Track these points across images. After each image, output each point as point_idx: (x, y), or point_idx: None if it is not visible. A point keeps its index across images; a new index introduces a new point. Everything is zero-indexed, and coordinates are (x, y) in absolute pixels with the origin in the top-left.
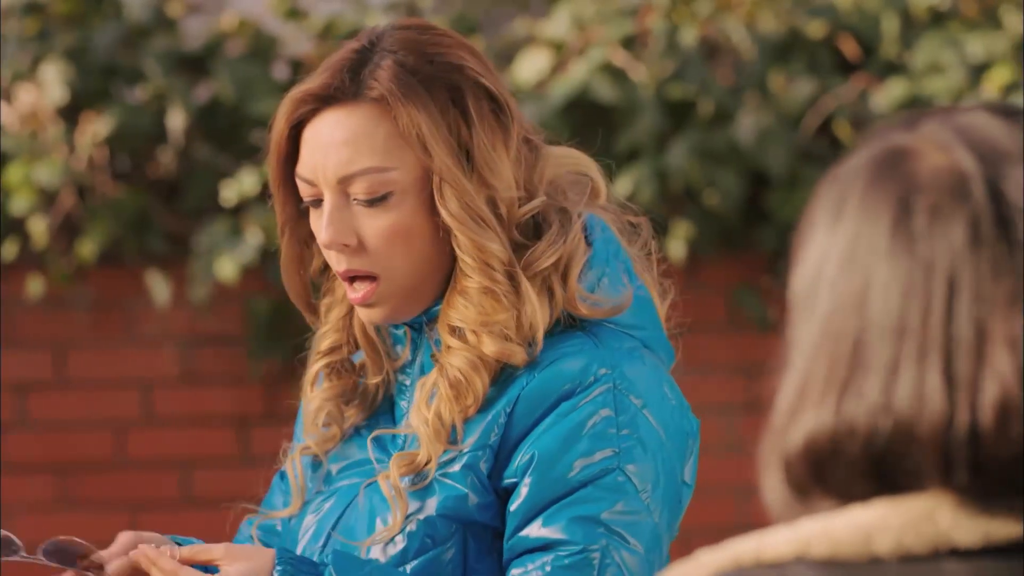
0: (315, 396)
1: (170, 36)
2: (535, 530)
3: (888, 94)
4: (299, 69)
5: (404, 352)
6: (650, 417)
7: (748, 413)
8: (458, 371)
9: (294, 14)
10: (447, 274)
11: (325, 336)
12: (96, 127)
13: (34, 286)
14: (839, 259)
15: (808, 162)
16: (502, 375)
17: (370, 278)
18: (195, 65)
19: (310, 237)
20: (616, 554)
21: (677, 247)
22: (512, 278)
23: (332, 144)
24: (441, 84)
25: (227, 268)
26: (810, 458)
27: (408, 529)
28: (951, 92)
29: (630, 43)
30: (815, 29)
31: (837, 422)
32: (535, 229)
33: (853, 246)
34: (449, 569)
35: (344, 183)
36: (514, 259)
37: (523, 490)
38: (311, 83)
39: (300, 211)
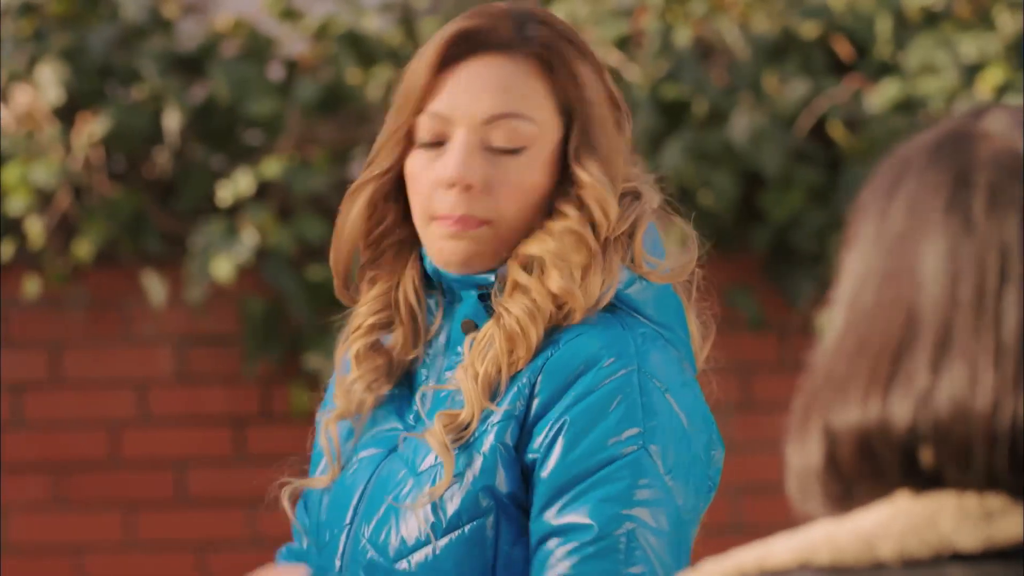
0: (358, 368)
1: (166, 37)
2: (562, 513)
3: (882, 95)
4: (294, 69)
5: (435, 324)
6: (672, 402)
7: (742, 413)
8: (516, 320)
9: (289, 15)
10: (527, 234)
11: (370, 312)
12: (92, 127)
13: (31, 286)
14: (893, 233)
15: (802, 162)
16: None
17: (484, 223)
18: (191, 65)
19: (389, 195)
20: (642, 537)
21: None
22: (606, 244)
23: (486, 85)
24: (590, 60)
25: (223, 268)
26: (862, 446)
27: (443, 499)
28: (945, 93)
29: (624, 43)
30: (809, 30)
31: (887, 408)
32: None
33: (908, 220)
34: (478, 551)
35: (489, 124)
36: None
37: (553, 458)
38: (466, 24)
39: (400, 162)
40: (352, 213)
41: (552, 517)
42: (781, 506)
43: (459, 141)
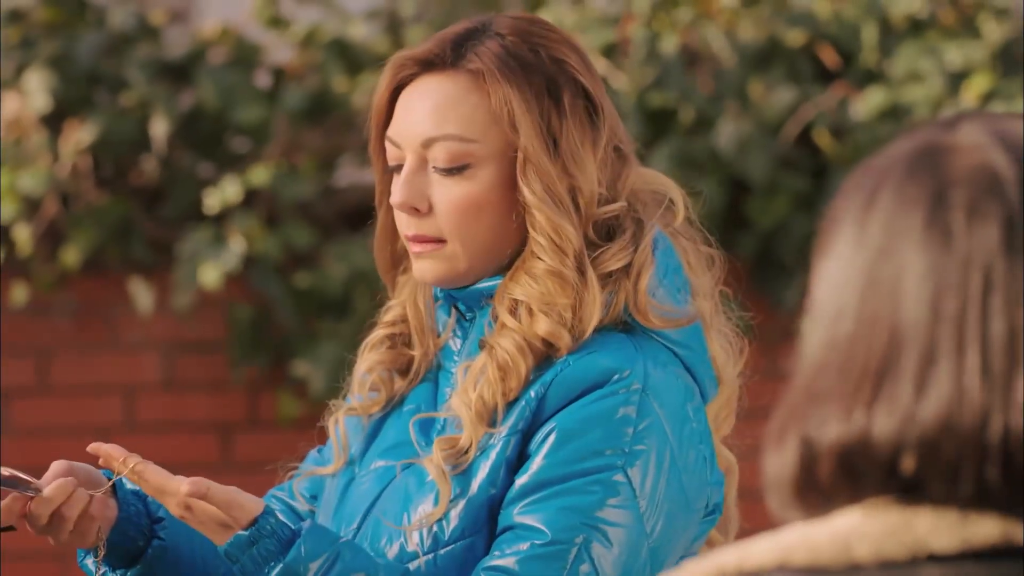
0: (367, 358)
1: (153, 44)
2: (523, 513)
3: (867, 102)
4: (281, 77)
5: (447, 332)
6: (668, 430)
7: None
8: (506, 352)
9: (276, 22)
10: (511, 255)
11: (392, 308)
12: (79, 135)
13: (18, 293)
14: (872, 248)
15: (788, 170)
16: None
17: (436, 241)
18: (178, 73)
19: None
20: (595, 553)
21: None
22: (581, 269)
23: (422, 107)
24: (540, 73)
25: (210, 275)
26: (843, 462)
27: (448, 515)
28: (930, 100)
29: (611, 51)
30: (794, 38)
31: (870, 425)
32: (608, 233)
33: (886, 236)
34: (474, 563)
35: (426, 146)
36: (585, 251)
37: (535, 458)
38: (415, 49)
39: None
40: (379, 222)
41: (515, 513)
42: (766, 512)
43: (406, 165)
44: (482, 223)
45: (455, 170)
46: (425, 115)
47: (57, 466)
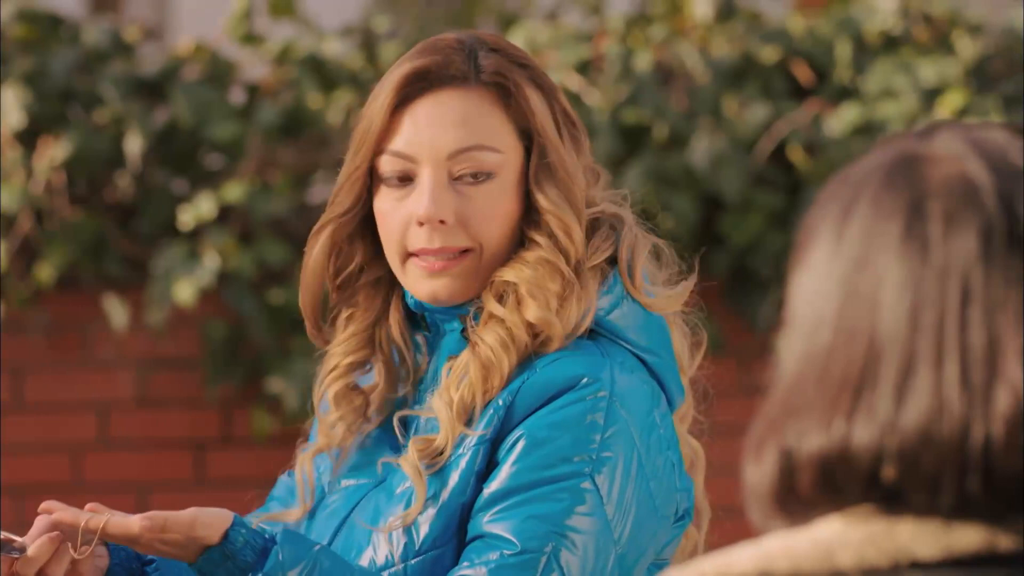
0: (336, 410)
1: (127, 61)
2: (492, 521)
3: (841, 119)
4: (255, 94)
5: (423, 362)
6: (636, 436)
7: (700, 437)
8: (490, 349)
9: (250, 39)
10: (503, 262)
11: (346, 352)
12: (54, 151)
13: None
14: (849, 258)
15: (761, 186)
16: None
17: (463, 252)
18: (152, 89)
19: (353, 235)
20: (564, 561)
21: None
22: (579, 270)
23: (445, 121)
24: (540, 85)
25: (184, 292)
26: (823, 473)
27: (417, 522)
28: (904, 117)
29: (585, 68)
30: (768, 54)
31: (849, 436)
32: (587, 233)
33: (864, 246)
34: (443, 574)
35: (453, 159)
36: (584, 252)
37: (504, 465)
38: (418, 63)
39: (362, 202)
40: (315, 254)
41: (484, 522)
42: (741, 530)
43: (427, 179)
44: (504, 230)
45: (484, 178)
46: (450, 128)
47: (40, 522)
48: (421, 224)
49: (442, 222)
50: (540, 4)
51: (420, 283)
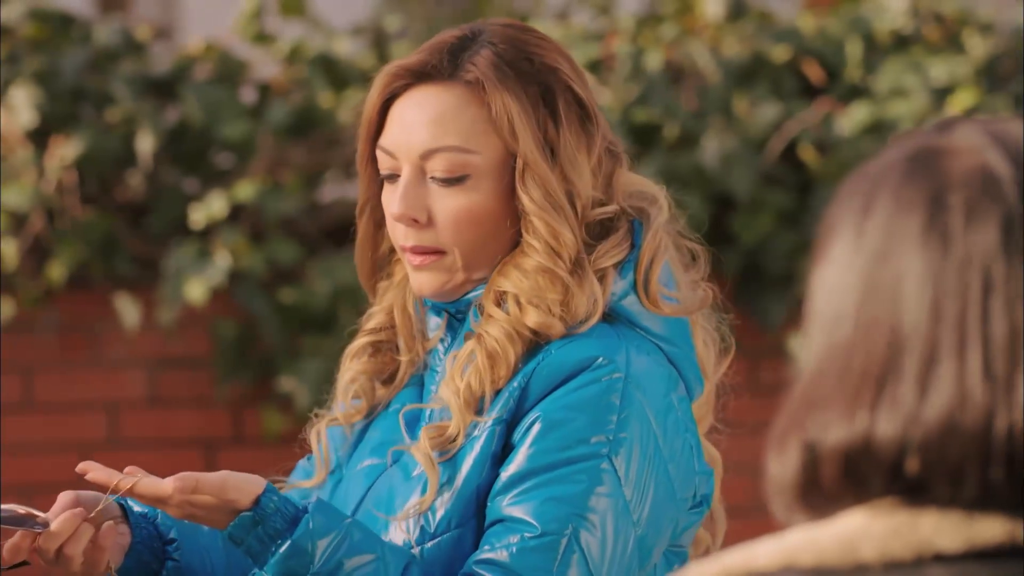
0: (350, 367)
1: (138, 60)
2: (512, 504)
3: (852, 118)
4: (266, 93)
5: (437, 334)
6: (652, 417)
7: (713, 435)
8: (495, 340)
9: (261, 38)
10: (501, 259)
11: (374, 315)
12: (65, 150)
13: (3, 309)
14: (870, 252)
15: (772, 186)
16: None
17: (435, 252)
18: (163, 89)
19: (380, 221)
20: (584, 543)
21: None
22: (575, 269)
23: (420, 119)
24: (535, 81)
25: (195, 291)
26: (846, 465)
27: (434, 505)
28: (915, 116)
29: (596, 67)
30: (779, 53)
31: (872, 428)
32: (601, 232)
33: (885, 240)
34: (462, 556)
35: (425, 158)
36: (584, 252)
37: (521, 447)
38: (408, 59)
39: (372, 192)
40: (360, 232)
41: (503, 505)
42: (753, 528)
43: (403, 176)
44: (481, 232)
45: (455, 181)
46: (423, 127)
47: (64, 498)
48: (399, 221)
49: (416, 220)
50: (550, 4)
51: (411, 276)
